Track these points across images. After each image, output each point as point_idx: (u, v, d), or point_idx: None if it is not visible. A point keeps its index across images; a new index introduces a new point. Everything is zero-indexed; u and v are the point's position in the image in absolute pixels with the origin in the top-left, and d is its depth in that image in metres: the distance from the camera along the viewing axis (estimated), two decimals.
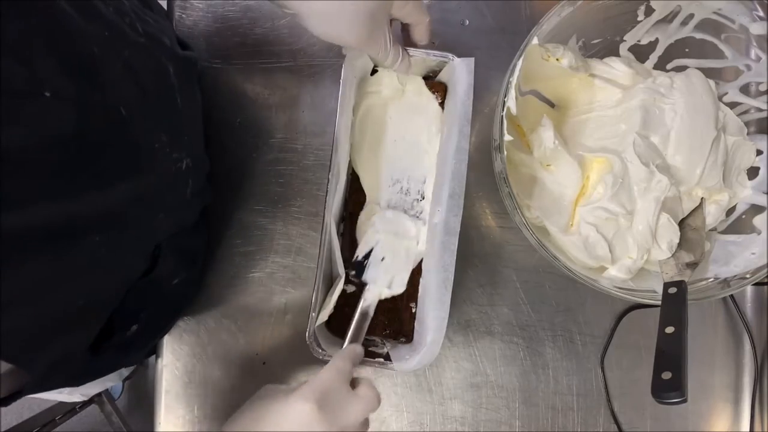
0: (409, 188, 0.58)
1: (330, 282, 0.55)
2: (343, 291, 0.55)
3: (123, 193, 0.38)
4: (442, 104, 0.58)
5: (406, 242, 0.56)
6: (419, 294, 0.56)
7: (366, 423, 0.45)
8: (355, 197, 0.58)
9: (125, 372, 0.91)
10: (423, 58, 0.53)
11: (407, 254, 0.56)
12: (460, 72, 0.52)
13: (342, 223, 0.58)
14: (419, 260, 0.56)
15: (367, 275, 0.54)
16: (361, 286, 0.55)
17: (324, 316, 0.51)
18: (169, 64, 0.46)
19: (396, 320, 0.57)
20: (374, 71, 0.58)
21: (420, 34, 0.51)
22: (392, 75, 0.57)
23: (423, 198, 0.58)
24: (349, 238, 0.58)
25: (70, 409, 0.85)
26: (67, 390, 0.81)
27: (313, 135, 0.62)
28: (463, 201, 0.50)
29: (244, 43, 0.62)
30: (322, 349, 0.50)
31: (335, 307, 0.53)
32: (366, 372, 0.60)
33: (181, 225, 0.50)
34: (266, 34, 0.62)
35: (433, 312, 0.50)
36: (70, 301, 0.36)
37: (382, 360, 0.52)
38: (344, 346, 0.51)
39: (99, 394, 0.94)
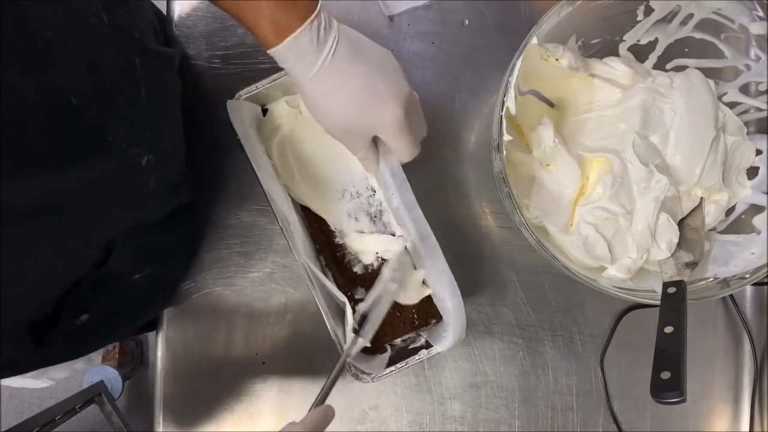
0: (357, 191, 0.59)
1: (338, 310, 0.55)
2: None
3: (65, 182, 0.37)
4: None
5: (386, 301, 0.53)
6: (425, 273, 0.56)
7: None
8: (317, 226, 0.59)
9: (96, 358, 0.90)
10: None
11: (385, 309, 0.52)
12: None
13: (320, 256, 0.58)
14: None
15: (363, 331, 0.50)
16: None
17: (359, 346, 0.50)
18: (137, 58, 0.45)
19: (420, 308, 0.57)
20: (264, 110, 0.59)
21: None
22: (283, 104, 0.58)
23: (374, 191, 0.59)
24: (334, 266, 0.58)
25: (70, 409, 0.85)
26: (31, 374, 0.81)
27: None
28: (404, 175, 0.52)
29: (244, 42, 0.62)
30: (366, 374, 0.52)
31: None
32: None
33: (142, 221, 0.49)
34: None
35: (439, 282, 0.51)
36: (11, 284, 0.36)
37: (425, 350, 0.53)
38: (314, 407, 0.46)
39: (99, 394, 0.94)
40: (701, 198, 0.56)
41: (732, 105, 0.58)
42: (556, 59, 0.54)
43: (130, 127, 0.43)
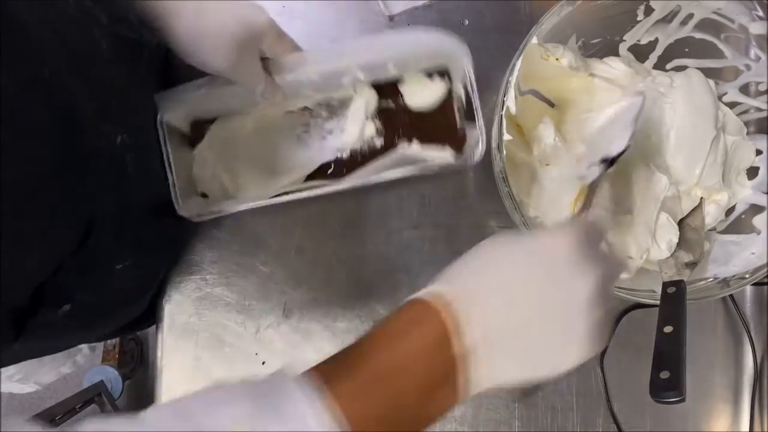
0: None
1: None
2: None
3: (37, 157, 0.37)
4: None
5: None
6: None
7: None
8: None
9: (81, 360, 0.89)
10: None
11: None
12: None
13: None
14: None
15: None
16: None
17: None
18: (103, 41, 0.45)
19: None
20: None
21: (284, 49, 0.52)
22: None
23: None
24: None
25: (70, 409, 0.85)
26: (17, 378, 0.80)
27: None
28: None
29: None
30: None
31: None
32: None
33: (124, 205, 0.49)
34: None
35: None
36: None
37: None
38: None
39: (99, 394, 0.94)
40: (701, 198, 0.56)
41: (732, 105, 0.58)
42: (557, 59, 0.54)
43: (102, 104, 0.43)
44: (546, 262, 0.33)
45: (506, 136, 0.50)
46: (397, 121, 0.59)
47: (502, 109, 0.50)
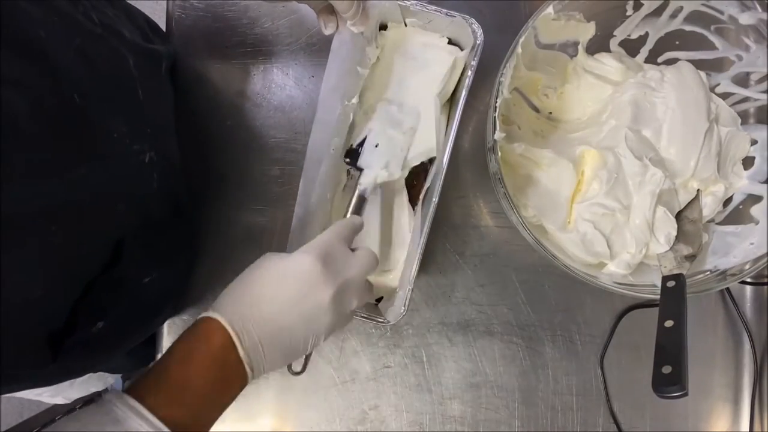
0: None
1: None
2: None
3: (80, 180, 0.38)
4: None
5: (400, 133, 0.56)
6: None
7: (370, 287, 0.48)
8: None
9: (111, 379, 0.90)
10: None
11: (402, 142, 0.56)
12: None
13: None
14: (408, 149, 0.56)
15: (362, 161, 0.55)
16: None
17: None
18: (129, 56, 0.46)
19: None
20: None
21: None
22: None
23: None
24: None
25: (70, 409, 0.85)
26: (47, 393, 0.80)
27: None
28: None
29: (244, 42, 0.62)
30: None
31: None
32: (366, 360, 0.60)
33: (148, 219, 0.49)
34: (266, 34, 0.62)
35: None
36: (22, 291, 0.36)
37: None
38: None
39: (99, 394, 0.94)
40: (698, 190, 0.56)
41: (725, 96, 0.58)
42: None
43: (131, 124, 0.44)
44: (295, 278, 0.42)
45: (500, 134, 0.50)
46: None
47: (495, 111, 0.50)
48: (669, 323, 0.44)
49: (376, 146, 0.55)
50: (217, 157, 0.62)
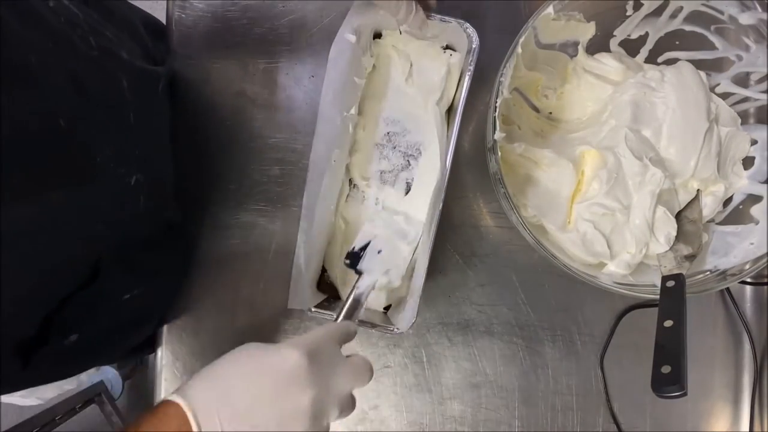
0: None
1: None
2: None
3: (56, 204, 0.37)
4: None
5: (405, 244, 0.56)
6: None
7: (353, 401, 0.42)
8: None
9: (84, 377, 0.89)
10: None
11: (406, 253, 0.56)
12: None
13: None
14: (412, 261, 0.57)
15: (363, 265, 0.54)
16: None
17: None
18: (124, 78, 0.45)
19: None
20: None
21: None
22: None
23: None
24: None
25: (70, 409, 0.85)
26: (19, 393, 0.80)
27: (313, 135, 0.62)
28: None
29: (244, 42, 0.62)
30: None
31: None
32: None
33: (131, 239, 0.49)
34: (266, 34, 0.62)
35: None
36: None
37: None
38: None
39: (99, 394, 0.94)
40: (698, 190, 0.56)
41: (725, 96, 0.58)
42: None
43: (119, 147, 0.43)
44: (275, 372, 0.37)
45: (500, 134, 0.50)
46: None
47: (495, 111, 0.50)
48: (668, 323, 0.44)
49: (378, 252, 0.54)
50: (217, 157, 0.62)
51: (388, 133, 0.59)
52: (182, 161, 0.61)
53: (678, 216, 0.55)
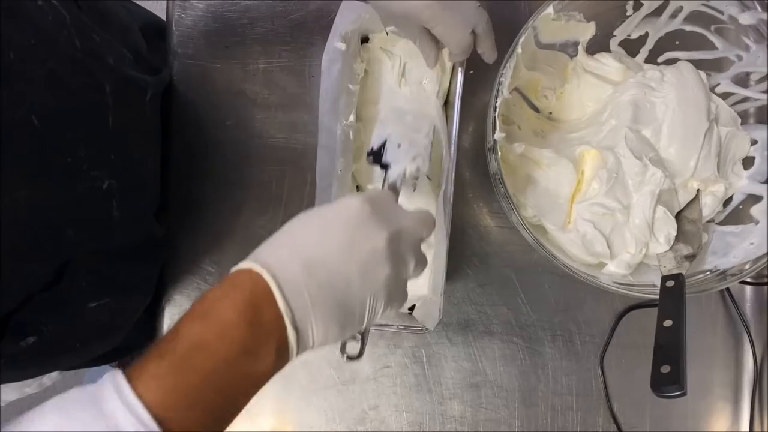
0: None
1: None
2: None
3: (20, 202, 0.36)
4: None
5: (422, 136, 0.55)
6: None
7: (424, 256, 0.41)
8: None
9: (47, 380, 0.87)
10: None
11: (425, 142, 0.55)
12: None
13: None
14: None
15: (387, 158, 0.52)
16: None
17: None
18: (107, 83, 0.44)
19: None
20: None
21: (486, 47, 0.50)
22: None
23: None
24: None
25: None
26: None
27: (313, 135, 0.62)
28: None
29: (244, 42, 0.62)
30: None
31: None
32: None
33: (103, 247, 0.47)
34: (266, 34, 0.62)
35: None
36: None
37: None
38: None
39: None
40: (697, 190, 0.56)
41: (725, 96, 0.58)
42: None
43: (93, 151, 0.42)
44: (343, 221, 0.36)
45: (501, 134, 0.50)
46: None
47: (495, 111, 0.50)
48: (668, 323, 0.44)
49: (398, 146, 0.53)
50: (217, 157, 0.62)
51: (388, 135, 0.58)
52: (181, 161, 0.61)
53: (678, 216, 0.56)
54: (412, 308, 0.56)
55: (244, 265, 0.33)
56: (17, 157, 0.36)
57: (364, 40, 0.58)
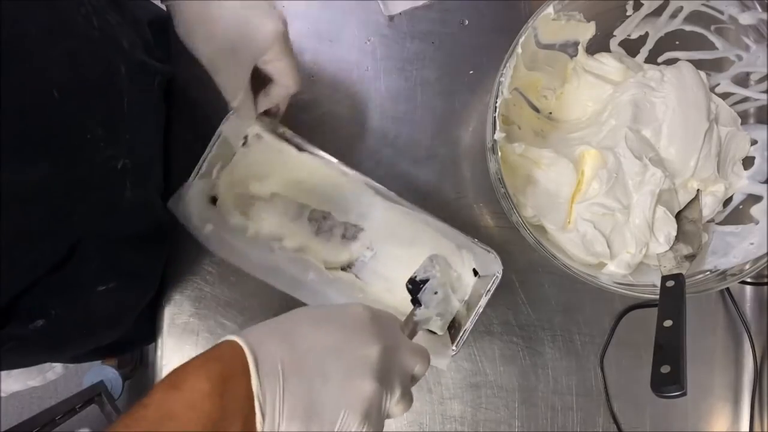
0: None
1: None
2: None
3: (37, 175, 0.36)
4: None
5: (455, 298, 0.56)
6: None
7: (411, 393, 0.40)
8: None
9: (51, 375, 0.87)
10: None
11: (454, 307, 0.55)
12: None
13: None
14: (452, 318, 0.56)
15: (422, 297, 0.53)
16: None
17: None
18: (122, 65, 0.45)
19: None
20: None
21: (278, 96, 0.50)
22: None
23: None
24: None
25: (70, 409, 0.85)
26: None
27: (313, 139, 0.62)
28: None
29: None
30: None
31: None
32: None
33: (116, 230, 0.48)
34: None
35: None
36: None
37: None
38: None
39: (99, 394, 0.93)
40: (698, 190, 0.56)
41: (725, 96, 0.58)
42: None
43: (110, 130, 0.42)
44: (340, 323, 0.36)
45: (500, 134, 0.50)
46: None
47: (495, 111, 0.50)
48: (668, 323, 0.44)
49: (435, 293, 0.54)
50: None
51: (434, 276, 0.56)
52: (180, 162, 0.61)
53: (678, 216, 0.56)
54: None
55: (230, 336, 0.34)
56: (40, 128, 0.36)
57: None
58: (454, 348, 0.52)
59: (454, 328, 0.55)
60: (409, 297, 0.53)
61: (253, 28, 0.44)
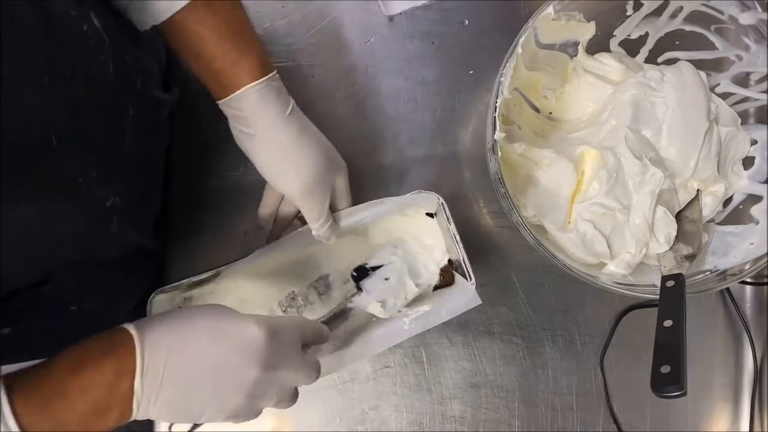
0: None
1: None
2: None
3: (24, 217, 0.36)
4: None
5: (413, 285, 0.56)
6: None
7: (295, 395, 0.44)
8: None
9: None
10: None
11: (410, 293, 0.56)
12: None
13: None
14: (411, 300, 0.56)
15: (366, 284, 0.54)
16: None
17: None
18: (131, 107, 0.45)
19: None
20: None
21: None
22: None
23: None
24: None
25: None
26: None
27: None
28: None
29: None
30: None
31: None
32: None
33: (95, 258, 0.48)
34: (265, 34, 0.62)
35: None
36: None
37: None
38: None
39: None
40: (698, 190, 0.56)
41: (725, 96, 0.58)
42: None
43: (105, 172, 0.42)
44: (230, 342, 0.39)
45: (501, 134, 0.50)
46: None
47: (495, 111, 0.50)
48: (668, 323, 0.44)
49: (386, 279, 0.54)
50: (216, 158, 0.62)
51: (391, 262, 0.57)
52: (179, 162, 0.61)
53: (678, 216, 0.56)
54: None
55: (130, 329, 0.37)
56: (33, 174, 0.36)
57: None
58: (472, 282, 0.52)
59: (458, 270, 0.55)
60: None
61: (333, 159, 0.52)
